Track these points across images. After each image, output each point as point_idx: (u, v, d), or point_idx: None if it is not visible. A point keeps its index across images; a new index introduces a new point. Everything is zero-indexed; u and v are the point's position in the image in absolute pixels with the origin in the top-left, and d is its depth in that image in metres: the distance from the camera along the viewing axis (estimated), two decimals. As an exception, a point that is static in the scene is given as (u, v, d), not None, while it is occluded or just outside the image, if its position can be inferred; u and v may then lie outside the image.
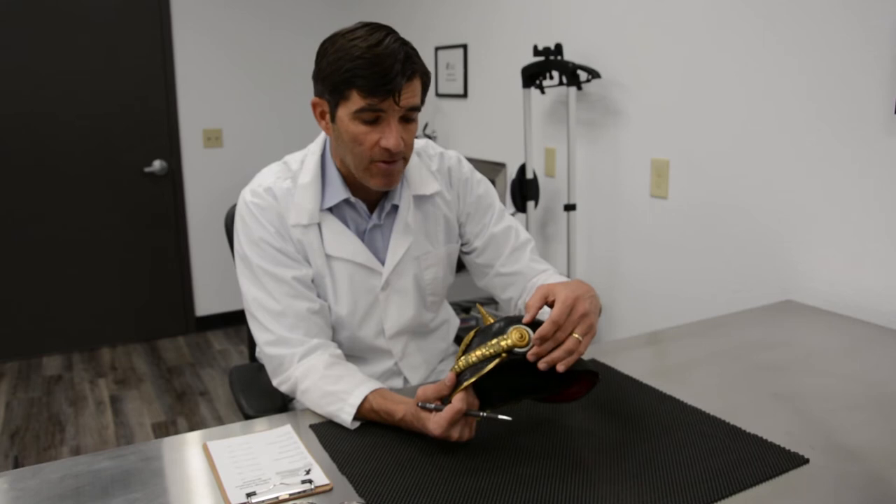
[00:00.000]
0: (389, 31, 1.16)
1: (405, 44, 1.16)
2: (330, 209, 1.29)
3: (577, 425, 1.08)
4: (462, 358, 1.00)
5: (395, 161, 1.20)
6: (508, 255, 1.41)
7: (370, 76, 1.11)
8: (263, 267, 1.25)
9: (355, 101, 1.14)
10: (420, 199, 1.35)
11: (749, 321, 1.59)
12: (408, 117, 1.18)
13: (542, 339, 0.98)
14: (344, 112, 1.17)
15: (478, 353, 0.98)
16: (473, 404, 1.00)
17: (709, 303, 2.02)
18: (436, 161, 1.39)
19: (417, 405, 1.02)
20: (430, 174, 1.36)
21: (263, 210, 1.26)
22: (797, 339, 1.48)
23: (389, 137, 1.15)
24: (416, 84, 1.17)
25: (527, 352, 0.97)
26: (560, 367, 0.97)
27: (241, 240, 1.28)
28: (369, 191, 1.28)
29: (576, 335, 0.98)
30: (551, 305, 1.02)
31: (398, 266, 1.33)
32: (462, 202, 1.40)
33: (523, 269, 1.41)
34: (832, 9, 1.62)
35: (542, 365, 0.97)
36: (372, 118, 1.15)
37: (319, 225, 1.28)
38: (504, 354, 0.97)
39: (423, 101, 1.21)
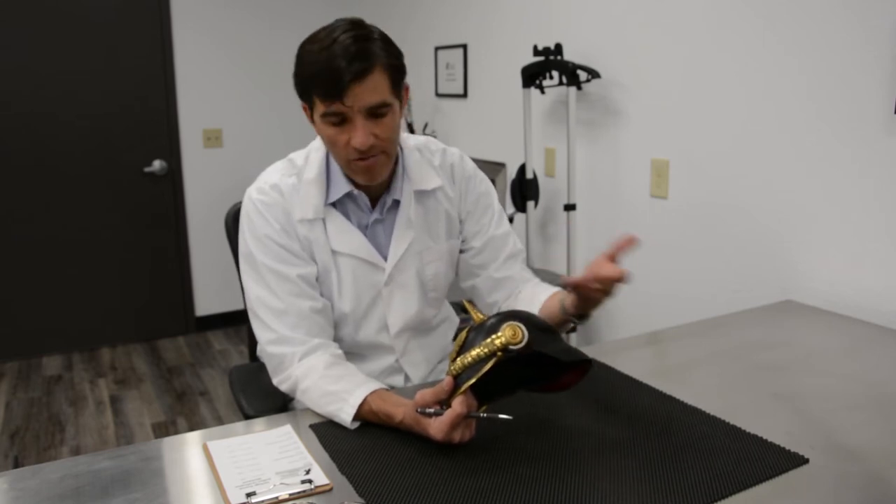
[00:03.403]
0: (349, 27, 1.14)
1: (360, 39, 1.12)
2: (333, 204, 1.29)
3: (576, 425, 1.08)
4: (458, 359, 1.00)
5: (373, 156, 1.19)
6: (504, 260, 1.42)
7: (322, 82, 1.12)
8: (268, 264, 1.25)
9: (319, 107, 1.16)
10: (421, 195, 1.35)
11: (749, 321, 1.59)
12: (376, 113, 1.16)
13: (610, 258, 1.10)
14: (316, 116, 1.18)
15: (473, 353, 0.98)
16: (472, 405, 1.00)
17: (709, 303, 2.02)
18: (438, 157, 1.38)
19: (417, 411, 1.02)
20: (431, 169, 1.36)
21: (270, 207, 1.26)
22: (797, 339, 1.48)
23: (355, 137, 1.15)
24: (377, 78, 1.13)
25: (522, 348, 0.97)
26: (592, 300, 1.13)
27: (247, 237, 1.28)
28: (371, 186, 1.29)
29: (607, 293, 1.11)
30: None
31: (400, 261, 1.33)
32: (464, 200, 1.40)
33: (514, 275, 1.42)
34: (832, 9, 1.62)
35: (576, 280, 1.11)
36: (337, 120, 1.15)
37: (324, 220, 1.28)
38: (500, 353, 0.97)
39: (397, 92, 1.19)
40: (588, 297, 1.15)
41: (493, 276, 1.41)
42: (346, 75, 1.10)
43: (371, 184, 1.26)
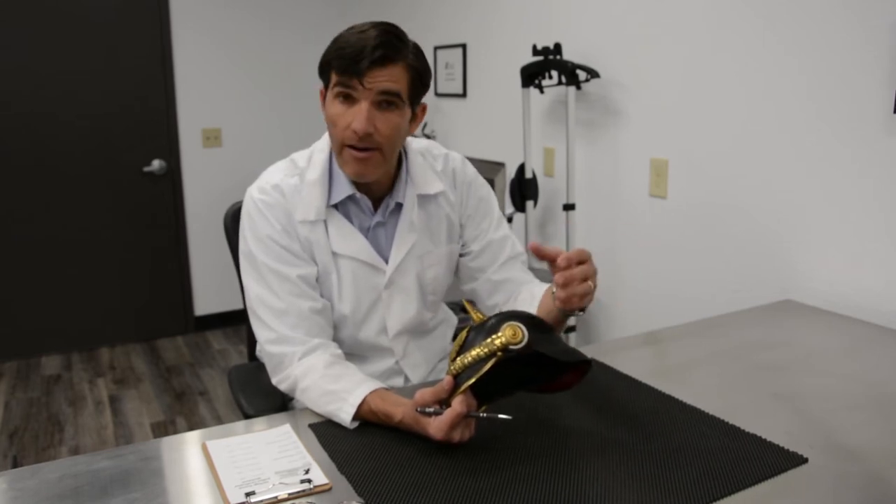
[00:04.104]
0: (388, 27, 1.17)
1: (395, 35, 1.17)
2: (335, 206, 1.29)
3: (576, 425, 1.08)
4: (458, 359, 1.00)
5: (368, 150, 1.19)
6: (502, 263, 1.42)
7: (343, 56, 1.15)
8: (268, 264, 1.25)
9: (333, 80, 1.18)
10: (424, 199, 1.35)
11: (749, 321, 1.58)
12: (386, 101, 1.17)
13: (579, 257, 1.07)
14: (329, 93, 1.21)
15: (473, 353, 0.98)
16: (472, 405, 1.00)
17: (709, 303, 2.02)
18: (440, 161, 1.39)
19: (416, 410, 1.02)
20: (434, 174, 1.36)
21: (271, 207, 1.26)
22: (797, 339, 1.48)
23: (357, 120, 1.16)
24: (396, 70, 1.16)
25: (522, 348, 0.97)
26: (575, 302, 1.09)
27: (247, 237, 1.28)
28: (373, 188, 1.29)
29: (590, 282, 1.08)
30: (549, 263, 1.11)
31: (401, 264, 1.33)
32: (464, 205, 1.40)
33: (513, 277, 1.42)
34: (832, 9, 1.62)
35: (564, 292, 1.08)
36: (345, 94, 1.17)
37: (325, 222, 1.28)
38: (500, 353, 0.97)
39: (413, 94, 1.21)
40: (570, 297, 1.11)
41: (491, 279, 1.42)
42: (368, 57, 1.13)
43: (360, 180, 1.26)
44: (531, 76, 2.43)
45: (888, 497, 0.89)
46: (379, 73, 1.15)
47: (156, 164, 3.76)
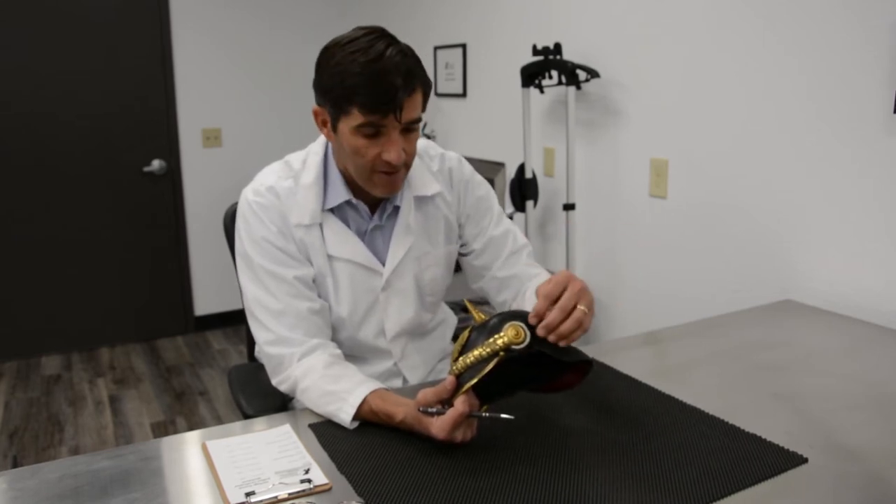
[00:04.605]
0: (390, 41, 1.14)
1: (406, 55, 1.14)
2: (331, 209, 1.29)
3: (576, 425, 1.08)
4: (460, 359, 1.00)
5: (397, 171, 1.20)
6: (506, 258, 1.41)
7: (371, 94, 1.10)
8: (265, 266, 1.25)
9: (356, 117, 1.13)
10: (421, 200, 1.35)
11: (749, 321, 1.58)
12: (409, 128, 1.18)
13: (548, 301, 0.98)
14: (345, 126, 1.16)
15: (475, 353, 0.98)
16: (474, 405, 1.00)
17: (708, 303, 2.02)
18: (437, 162, 1.39)
19: (418, 410, 1.02)
20: (430, 175, 1.36)
21: (266, 209, 1.26)
22: (797, 339, 1.48)
23: (391, 151, 1.16)
24: (418, 96, 1.17)
25: (524, 348, 0.97)
26: (563, 343, 0.98)
27: (243, 238, 1.27)
28: (370, 192, 1.29)
29: (581, 307, 0.99)
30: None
31: (399, 267, 1.33)
32: (462, 204, 1.40)
33: (519, 272, 1.41)
34: (832, 9, 1.62)
35: (552, 338, 0.97)
36: (373, 132, 1.15)
37: (321, 225, 1.28)
38: (502, 353, 0.97)
39: (424, 109, 1.21)
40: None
41: (496, 276, 1.41)
42: (401, 91, 1.11)
43: (389, 196, 1.26)
44: (531, 76, 2.43)
45: (888, 497, 0.89)
46: (408, 104, 1.14)
47: (156, 164, 3.76)
